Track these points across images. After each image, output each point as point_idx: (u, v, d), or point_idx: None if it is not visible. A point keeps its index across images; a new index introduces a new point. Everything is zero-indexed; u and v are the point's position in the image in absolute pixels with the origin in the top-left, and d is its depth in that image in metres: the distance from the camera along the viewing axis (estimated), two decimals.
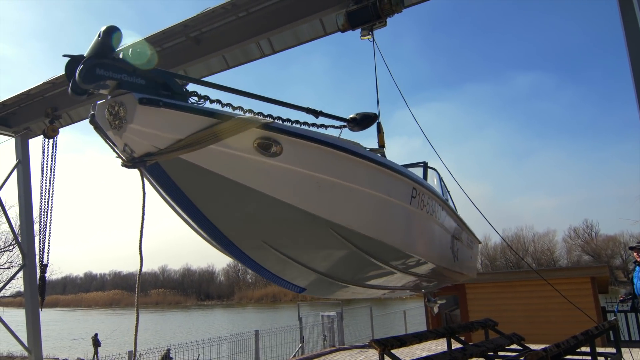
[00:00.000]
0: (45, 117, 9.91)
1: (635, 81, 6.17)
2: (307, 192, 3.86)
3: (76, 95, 3.00)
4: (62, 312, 71.57)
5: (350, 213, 4.23)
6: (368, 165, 4.29)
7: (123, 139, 3.06)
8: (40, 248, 10.06)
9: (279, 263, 4.24)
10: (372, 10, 6.11)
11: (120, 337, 34.46)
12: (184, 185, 3.42)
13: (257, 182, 3.55)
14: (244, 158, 3.36)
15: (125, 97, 2.92)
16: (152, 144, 3.13)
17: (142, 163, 3.17)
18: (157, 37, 7.95)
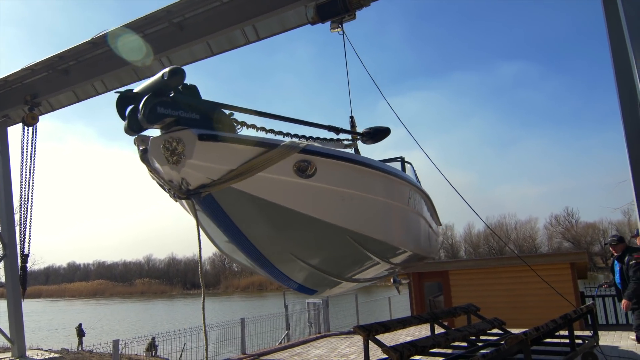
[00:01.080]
0: (24, 104, 9.70)
1: (616, 70, 6.28)
2: (333, 206, 4.09)
3: (132, 131, 3.10)
4: (45, 303, 70.76)
5: (364, 220, 4.51)
6: (381, 176, 4.59)
7: (181, 173, 3.14)
8: (21, 238, 9.92)
9: (300, 270, 4.45)
10: (341, 3, 6.17)
11: (103, 326, 34.26)
12: (231, 211, 3.53)
13: (293, 202, 3.74)
14: (285, 181, 3.54)
15: (184, 134, 2.97)
16: (207, 176, 3.23)
17: (197, 195, 3.28)
18: (140, 23, 7.80)
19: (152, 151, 3.10)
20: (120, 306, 61.04)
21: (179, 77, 2.97)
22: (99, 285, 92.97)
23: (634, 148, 6.16)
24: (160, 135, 3.04)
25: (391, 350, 4.74)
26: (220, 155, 3.16)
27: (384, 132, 5.18)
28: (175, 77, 2.95)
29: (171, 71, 2.94)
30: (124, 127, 3.11)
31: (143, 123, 2.97)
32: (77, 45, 8.55)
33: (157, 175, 3.29)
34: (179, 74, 2.96)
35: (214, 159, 3.14)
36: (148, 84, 3.02)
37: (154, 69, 9.25)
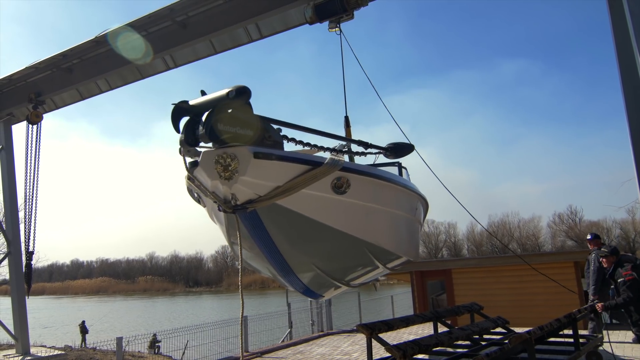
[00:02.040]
0: (28, 102, 9.71)
1: (621, 68, 6.24)
2: (358, 221, 4.21)
3: (189, 145, 3.09)
4: (48, 300, 71.07)
5: (381, 233, 4.65)
6: (400, 191, 4.75)
7: (232, 189, 3.17)
8: (26, 235, 9.95)
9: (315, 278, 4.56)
10: (339, 3, 6.16)
11: (106, 324, 34.39)
12: (271, 226, 3.60)
13: (326, 217, 3.84)
14: (322, 198, 3.66)
15: (239, 150, 3.01)
16: (255, 192, 3.27)
17: (244, 210, 3.31)
18: (143, 21, 7.80)
19: (203, 165, 3.10)
20: (123, 303, 61.25)
21: (245, 97, 3.00)
22: (102, 283, 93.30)
23: (639, 146, 6.12)
24: (213, 150, 3.05)
25: (394, 348, 4.73)
26: (271, 173, 3.22)
27: (408, 148, 5.27)
28: (242, 97, 2.98)
29: (238, 91, 2.95)
30: (180, 140, 3.11)
31: (204, 139, 2.99)
32: (81, 44, 8.56)
33: (202, 188, 3.30)
34: (245, 94, 2.98)
35: (264, 176, 3.20)
36: (209, 99, 3.02)
37: (157, 67, 9.26)
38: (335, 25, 6.36)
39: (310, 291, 4.76)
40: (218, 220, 4.01)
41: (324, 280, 4.65)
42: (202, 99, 3.08)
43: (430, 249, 77.87)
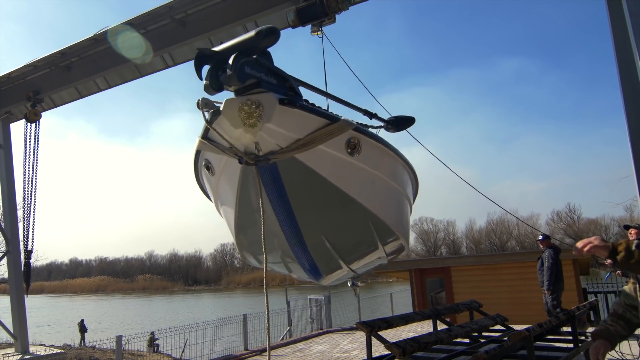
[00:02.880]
0: (27, 100, 9.70)
1: (620, 67, 6.25)
2: (366, 188, 4.18)
3: (213, 90, 2.99)
4: (47, 299, 71.04)
5: (384, 205, 4.63)
6: (401, 165, 4.73)
7: (257, 137, 3.10)
8: (25, 234, 9.95)
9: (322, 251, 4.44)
10: (320, 8, 6.18)
11: (104, 322, 34.40)
12: (288, 183, 3.52)
13: (338, 179, 3.78)
14: (336, 157, 3.60)
15: (264, 97, 2.94)
16: (277, 142, 3.20)
17: (266, 161, 3.25)
18: (142, 19, 7.79)
19: (226, 112, 3.01)
20: (121, 302, 61.25)
21: (274, 38, 2.96)
22: (100, 281, 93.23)
23: (638, 144, 6.13)
24: (237, 97, 2.97)
25: (394, 346, 4.74)
26: (293, 123, 3.16)
27: (409, 121, 5.24)
28: (270, 38, 2.93)
29: (269, 30, 2.92)
30: (205, 85, 3.02)
31: (231, 81, 2.90)
32: (80, 42, 8.54)
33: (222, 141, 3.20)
34: (275, 34, 2.95)
35: (287, 126, 3.13)
36: (236, 42, 2.97)
37: (156, 65, 9.24)
38: (317, 29, 6.39)
39: (316, 269, 4.61)
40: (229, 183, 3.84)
41: (329, 256, 4.55)
42: (227, 44, 3.03)
43: (429, 246, 78.02)
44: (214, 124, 3.14)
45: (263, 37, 2.91)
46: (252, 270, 76.16)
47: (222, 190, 4.08)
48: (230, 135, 3.14)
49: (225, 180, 3.86)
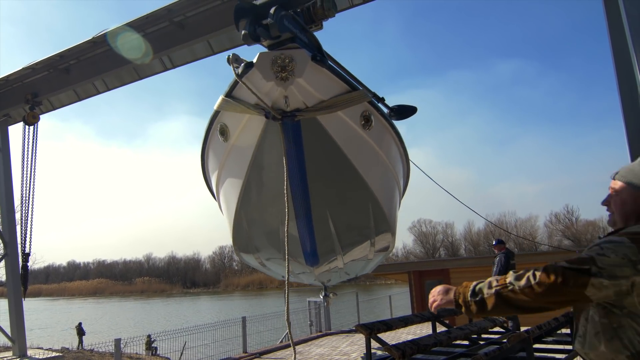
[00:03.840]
0: (25, 103, 9.68)
1: (617, 69, 6.28)
2: (372, 166, 4.26)
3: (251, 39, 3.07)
4: (45, 302, 70.78)
5: (383, 191, 4.68)
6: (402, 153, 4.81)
7: (287, 91, 3.16)
8: (22, 237, 9.91)
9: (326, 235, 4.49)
10: (307, 15, 6.24)
11: (102, 325, 34.29)
12: (307, 145, 3.56)
13: (350, 151, 3.87)
14: (351, 127, 3.69)
15: (296, 52, 3.02)
16: (304, 100, 3.27)
17: (292, 118, 3.31)
18: (141, 22, 7.79)
19: (259, 65, 3.05)
20: (119, 305, 61.08)
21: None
22: (98, 284, 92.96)
23: (635, 145, 6.16)
24: (271, 50, 3.04)
25: (393, 348, 4.75)
26: (321, 83, 3.24)
27: (411, 110, 5.30)
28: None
29: None
30: (243, 35, 3.10)
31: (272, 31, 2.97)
32: (78, 45, 8.54)
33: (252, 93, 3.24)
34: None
35: (315, 85, 3.20)
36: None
37: (154, 68, 9.25)
38: None
39: (314, 253, 4.61)
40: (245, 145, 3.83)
41: (329, 237, 4.57)
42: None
43: (427, 248, 78.02)
44: (245, 77, 3.15)
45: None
46: (251, 272, 76.03)
47: (235, 155, 4.07)
48: (259, 89, 3.17)
49: (241, 142, 3.86)
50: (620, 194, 1.79)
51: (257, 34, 3.07)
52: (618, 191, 1.80)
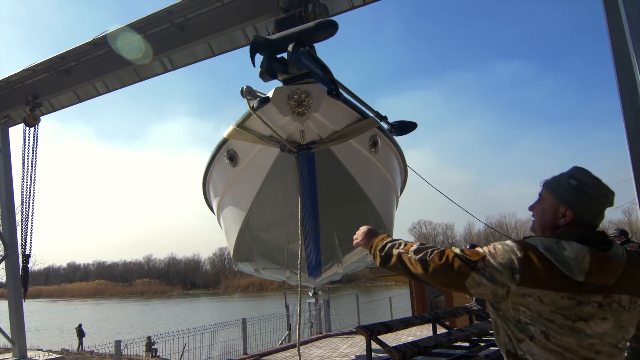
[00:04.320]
0: (25, 104, 9.68)
1: (617, 70, 6.27)
2: (378, 187, 4.36)
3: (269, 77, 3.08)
4: (45, 303, 70.72)
5: (385, 206, 4.79)
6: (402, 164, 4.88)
7: (303, 126, 3.20)
8: (23, 238, 9.91)
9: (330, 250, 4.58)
10: (299, 20, 6.30)
11: (102, 327, 34.26)
12: (320, 175, 3.62)
13: (359, 174, 3.96)
14: (361, 152, 3.80)
15: (313, 87, 3.06)
16: (319, 133, 3.33)
17: (307, 150, 3.37)
18: (141, 23, 7.79)
19: (275, 100, 3.08)
20: (119, 306, 61.03)
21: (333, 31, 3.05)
22: (98, 286, 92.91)
23: (636, 147, 6.15)
24: (288, 86, 3.06)
25: (394, 350, 4.75)
26: (335, 115, 3.30)
27: (411, 126, 5.40)
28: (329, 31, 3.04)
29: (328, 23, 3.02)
30: (260, 72, 3.09)
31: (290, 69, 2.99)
32: (79, 46, 8.54)
33: (267, 127, 3.26)
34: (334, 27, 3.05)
35: (330, 117, 3.27)
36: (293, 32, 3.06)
37: (155, 69, 9.25)
38: None
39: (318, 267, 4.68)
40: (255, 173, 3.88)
41: (334, 251, 4.66)
42: (283, 33, 3.13)
43: None
44: (259, 111, 3.17)
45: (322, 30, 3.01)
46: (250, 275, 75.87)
47: (243, 180, 4.11)
48: (274, 123, 3.20)
49: (250, 170, 3.89)
50: (543, 202, 1.80)
51: (274, 70, 3.08)
52: (542, 199, 1.81)
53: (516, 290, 1.56)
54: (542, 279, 1.54)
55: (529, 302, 1.56)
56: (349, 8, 7.43)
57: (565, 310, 1.53)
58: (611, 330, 1.55)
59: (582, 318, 1.53)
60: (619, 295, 1.56)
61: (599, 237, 1.64)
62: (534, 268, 1.55)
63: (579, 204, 1.68)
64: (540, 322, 1.56)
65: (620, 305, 1.56)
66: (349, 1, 7.33)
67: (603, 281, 1.54)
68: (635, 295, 1.59)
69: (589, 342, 1.54)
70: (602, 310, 1.54)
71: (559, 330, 1.54)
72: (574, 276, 1.52)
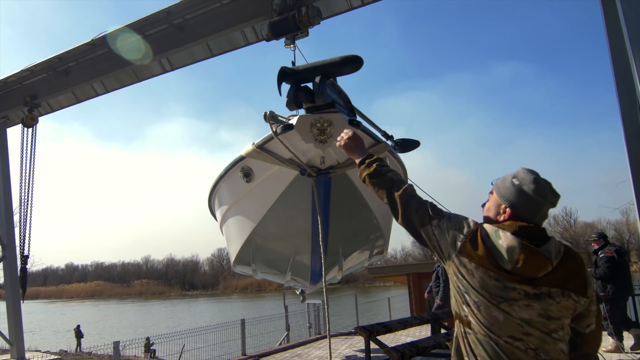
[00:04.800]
0: (24, 105, 9.66)
1: (615, 71, 6.30)
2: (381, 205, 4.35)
3: (294, 106, 3.28)
4: (43, 304, 70.57)
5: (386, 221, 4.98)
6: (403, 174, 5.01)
7: (324, 152, 3.41)
8: (21, 239, 9.89)
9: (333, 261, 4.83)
10: (292, 22, 6.39)
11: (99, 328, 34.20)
12: (334, 197, 3.87)
13: (368, 195, 4.16)
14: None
15: (335, 117, 3.23)
16: (338, 159, 3.54)
17: (325, 174, 3.60)
18: (140, 24, 7.79)
19: (299, 128, 3.25)
20: (117, 307, 60.93)
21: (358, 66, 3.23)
22: (97, 287, 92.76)
23: (634, 148, 6.17)
24: (311, 114, 3.22)
25: (393, 351, 4.75)
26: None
27: (414, 144, 5.55)
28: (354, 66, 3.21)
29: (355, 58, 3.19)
30: (287, 102, 3.25)
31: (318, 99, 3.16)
32: (78, 47, 8.54)
33: (289, 151, 3.44)
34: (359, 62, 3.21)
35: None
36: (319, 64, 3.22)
37: (153, 70, 9.25)
38: (291, 42, 6.59)
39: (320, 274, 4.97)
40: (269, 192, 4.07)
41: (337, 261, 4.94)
42: (310, 64, 3.28)
43: (426, 251, 77.83)
44: (282, 136, 3.33)
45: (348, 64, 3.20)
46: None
47: (255, 196, 4.32)
48: (296, 148, 3.40)
49: (265, 186, 4.08)
50: (490, 200, 1.95)
51: (299, 100, 3.24)
52: (490, 197, 1.96)
53: (455, 257, 1.77)
54: (477, 256, 1.72)
55: (464, 272, 1.75)
56: (348, 9, 7.45)
57: (491, 289, 1.69)
58: (537, 318, 1.66)
59: (506, 301, 1.67)
60: (548, 288, 1.67)
61: (535, 233, 1.77)
62: (474, 244, 1.74)
63: (515, 202, 1.83)
64: (473, 293, 1.73)
65: (549, 297, 1.67)
66: (348, 2, 7.35)
67: (528, 273, 1.67)
68: (568, 289, 1.69)
69: (517, 322, 1.67)
70: (527, 298, 1.66)
71: (488, 304, 1.70)
72: (503, 264, 1.68)
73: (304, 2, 6.46)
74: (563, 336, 1.72)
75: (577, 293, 1.71)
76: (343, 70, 3.27)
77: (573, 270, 1.74)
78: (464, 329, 1.80)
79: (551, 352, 1.68)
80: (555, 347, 1.69)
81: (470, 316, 1.76)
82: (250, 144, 3.70)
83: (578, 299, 1.71)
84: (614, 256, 7.76)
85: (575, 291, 1.71)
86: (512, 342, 1.67)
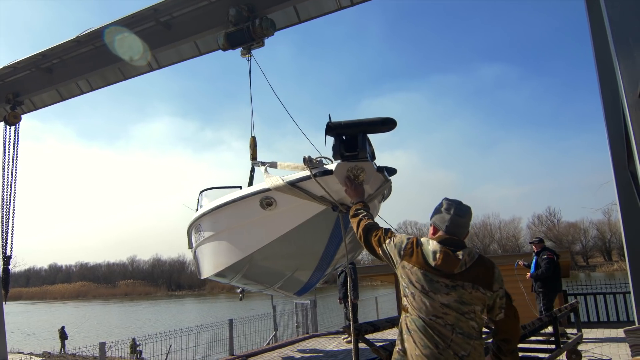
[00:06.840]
0: (6, 103, 9.48)
1: (599, 74, 6.40)
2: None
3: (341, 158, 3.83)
4: (25, 305, 69.35)
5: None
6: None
7: None
8: (3, 239, 9.70)
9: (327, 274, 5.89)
10: (247, 33, 6.60)
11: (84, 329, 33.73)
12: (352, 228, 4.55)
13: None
14: (375, 205, 4.76)
15: (367, 165, 3.87)
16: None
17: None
18: (127, 21, 7.69)
19: (337, 174, 3.85)
20: (102, 308, 60.14)
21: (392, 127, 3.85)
22: (81, 287, 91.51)
23: (617, 150, 6.28)
24: (348, 162, 3.83)
25: (381, 349, 4.75)
26: (375, 182, 4.15)
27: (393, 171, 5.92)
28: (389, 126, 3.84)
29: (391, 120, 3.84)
30: (333, 154, 3.87)
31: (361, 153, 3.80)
32: (62, 43, 8.39)
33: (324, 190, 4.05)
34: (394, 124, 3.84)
35: (372, 185, 4.11)
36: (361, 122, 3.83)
37: (140, 68, 9.14)
38: (247, 52, 6.76)
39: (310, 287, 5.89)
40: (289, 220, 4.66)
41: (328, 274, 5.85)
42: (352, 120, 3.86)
43: None
44: (320, 179, 3.97)
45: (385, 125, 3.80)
46: None
47: (270, 222, 4.84)
48: (330, 189, 4.02)
49: (286, 215, 4.66)
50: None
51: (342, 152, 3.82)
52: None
53: (400, 263, 2.58)
54: (414, 259, 2.52)
55: (406, 272, 2.53)
56: (337, 8, 7.45)
57: (422, 282, 2.44)
58: (454, 303, 2.38)
59: (432, 290, 2.41)
60: (462, 282, 2.40)
61: (452, 242, 2.51)
62: (412, 251, 2.55)
63: (434, 220, 2.66)
64: (411, 287, 2.49)
65: (462, 288, 2.40)
66: (337, 2, 7.35)
67: (446, 269, 2.42)
68: (477, 284, 2.41)
69: (439, 305, 2.39)
70: (447, 288, 2.40)
71: (419, 294, 2.44)
72: (429, 262, 2.46)
73: (258, 14, 6.64)
74: (475, 317, 2.41)
75: (484, 287, 2.42)
76: (380, 129, 3.85)
77: (482, 271, 2.46)
78: (405, 314, 2.55)
79: (464, 327, 2.38)
80: (468, 324, 2.39)
81: (408, 304, 2.52)
82: (280, 180, 4.29)
83: (485, 292, 2.42)
84: (554, 258, 8.91)
85: (483, 286, 2.42)
86: (435, 319, 2.38)
